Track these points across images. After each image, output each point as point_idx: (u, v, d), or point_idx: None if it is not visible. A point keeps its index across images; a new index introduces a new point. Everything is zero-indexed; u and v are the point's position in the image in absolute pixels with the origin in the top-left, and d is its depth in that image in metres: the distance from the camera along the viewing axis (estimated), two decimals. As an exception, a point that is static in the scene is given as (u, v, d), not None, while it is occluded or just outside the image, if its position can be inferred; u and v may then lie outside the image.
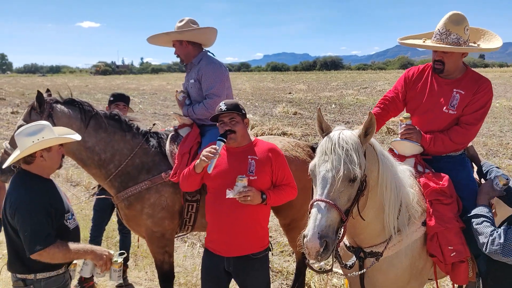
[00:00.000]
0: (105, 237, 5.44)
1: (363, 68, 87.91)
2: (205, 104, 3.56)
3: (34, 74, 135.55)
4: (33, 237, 2.52)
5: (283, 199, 2.94)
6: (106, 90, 37.34)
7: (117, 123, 3.53)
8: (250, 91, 31.44)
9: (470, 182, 2.93)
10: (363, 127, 2.33)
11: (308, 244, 2.08)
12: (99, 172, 3.47)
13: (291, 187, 2.96)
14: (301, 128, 13.63)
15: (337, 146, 2.22)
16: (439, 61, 2.95)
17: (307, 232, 2.11)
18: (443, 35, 2.89)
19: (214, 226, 2.94)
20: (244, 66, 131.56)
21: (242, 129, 2.86)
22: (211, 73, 3.59)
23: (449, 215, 2.65)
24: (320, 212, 2.12)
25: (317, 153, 2.33)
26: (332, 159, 2.21)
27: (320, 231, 2.08)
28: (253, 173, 2.81)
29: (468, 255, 2.63)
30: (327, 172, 2.20)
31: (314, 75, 61.98)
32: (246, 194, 2.69)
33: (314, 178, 2.28)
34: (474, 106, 2.92)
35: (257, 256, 2.90)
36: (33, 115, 3.31)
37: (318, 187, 2.21)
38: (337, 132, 2.30)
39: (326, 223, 2.10)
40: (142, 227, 3.54)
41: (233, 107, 2.83)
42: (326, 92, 27.85)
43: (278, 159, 2.91)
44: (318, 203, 2.15)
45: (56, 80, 69.11)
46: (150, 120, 15.96)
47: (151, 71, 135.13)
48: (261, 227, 2.94)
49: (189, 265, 5.05)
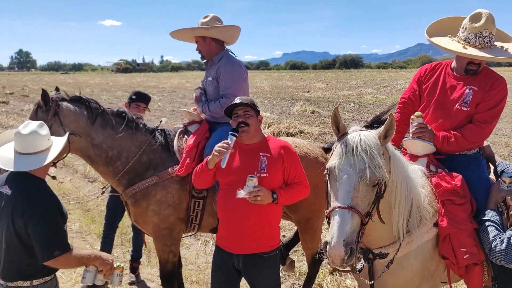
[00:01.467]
0: (119, 233, 5.50)
1: (384, 67, 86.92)
2: (221, 102, 3.53)
3: (57, 72, 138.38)
4: (52, 242, 2.41)
5: (295, 198, 2.89)
6: (126, 87, 37.80)
7: (124, 120, 3.53)
8: (268, 89, 31.36)
9: (484, 182, 2.84)
10: (383, 128, 2.25)
11: (331, 252, 2.01)
12: (106, 169, 3.48)
13: (303, 185, 2.90)
14: (319, 127, 13.52)
15: (359, 148, 2.13)
16: (476, 64, 2.84)
17: (330, 239, 2.03)
18: (486, 38, 2.78)
19: (224, 223, 2.94)
20: (263, 65, 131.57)
21: (255, 123, 2.85)
22: (229, 73, 3.57)
23: (462, 215, 2.58)
24: (344, 218, 2.05)
25: (335, 154, 2.23)
26: (355, 162, 2.11)
27: (345, 238, 2.01)
28: (264, 170, 2.78)
29: (482, 257, 2.54)
30: (350, 176, 2.11)
31: (333, 74, 61.52)
32: (256, 194, 2.66)
33: (334, 182, 2.18)
34: (488, 104, 2.83)
35: (266, 255, 2.86)
36: (39, 113, 3.32)
37: (340, 192, 2.12)
38: (356, 134, 2.21)
39: (350, 229, 2.04)
40: (149, 224, 3.53)
41: (247, 101, 2.85)
42: (345, 90, 27.60)
43: (290, 157, 2.87)
44: (342, 210, 2.07)
45: (78, 78, 70.36)
46: (168, 118, 16.09)
47: (171, 69, 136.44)
48: (271, 225, 2.89)
49: (201, 263, 5.05)
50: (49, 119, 3.28)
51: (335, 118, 2.31)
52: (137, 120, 3.60)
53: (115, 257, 5.11)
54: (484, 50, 2.78)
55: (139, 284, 4.66)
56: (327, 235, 2.09)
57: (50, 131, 3.11)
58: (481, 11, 2.80)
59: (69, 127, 3.33)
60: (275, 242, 2.94)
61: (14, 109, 21.00)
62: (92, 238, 5.76)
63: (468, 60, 2.85)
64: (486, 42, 2.78)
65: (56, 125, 3.29)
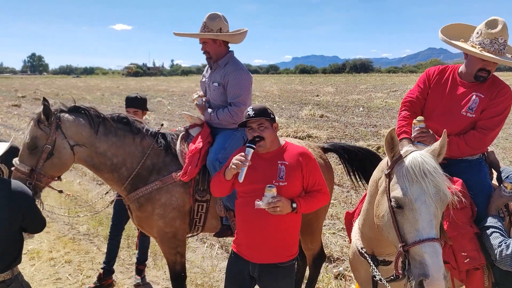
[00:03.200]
0: (126, 235, 5.54)
1: (394, 71, 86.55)
2: (231, 111, 3.51)
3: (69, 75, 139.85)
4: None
5: (315, 206, 2.78)
6: (136, 91, 37.94)
7: (126, 126, 3.52)
8: (278, 93, 31.39)
9: (486, 187, 2.83)
10: (438, 146, 2.16)
11: (434, 286, 1.89)
12: (111, 176, 3.48)
13: (323, 193, 2.79)
14: (327, 131, 13.49)
15: (428, 172, 2.01)
16: (487, 71, 2.82)
17: (429, 273, 1.89)
18: (501, 45, 2.76)
19: (242, 231, 2.87)
20: (273, 69, 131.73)
21: (271, 134, 2.75)
22: (238, 81, 3.54)
23: (463, 220, 2.57)
24: (438, 251, 1.94)
25: (401, 181, 2.06)
26: (427, 188, 2.00)
27: (443, 271, 1.92)
28: (283, 179, 2.69)
29: (483, 262, 2.53)
30: (427, 205, 1.99)
31: (343, 78, 61.40)
32: (275, 205, 2.58)
33: (410, 212, 2.01)
34: (492, 111, 2.83)
35: (283, 265, 2.79)
36: (41, 127, 3.24)
37: (421, 222, 1.98)
38: (416, 155, 2.08)
39: (442, 262, 1.96)
40: (153, 228, 3.54)
41: (261, 112, 2.70)
42: (355, 95, 27.52)
43: (309, 164, 2.76)
44: (432, 243, 1.95)
45: (89, 81, 71.10)
46: (177, 121, 16.17)
47: (181, 73, 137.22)
48: (289, 235, 2.79)
49: (207, 266, 5.06)
50: (52, 133, 3.24)
51: (391, 140, 2.15)
52: (138, 124, 3.61)
53: (121, 259, 5.16)
54: (499, 56, 2.76)
55: (144, 286, 4.68)
56: (414, 270, 1.96)
57: (55, 145, 3.23)
58: (497, 18, 2.79)
59: (73, 138, 3.30)
60: (293, 252, 2.84)
61: (26, 112, 21.31)
62: (99, 240, 5.80)
63: (480, 66, 2.83)
64: (500, 49, 2.76)
65: (60, 138, 3.26)
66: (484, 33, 2.80)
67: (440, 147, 2.16)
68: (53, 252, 5.39)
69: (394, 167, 2.13)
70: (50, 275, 4.81)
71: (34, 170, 3.21)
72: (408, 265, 2.00)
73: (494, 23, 2.78)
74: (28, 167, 3.20)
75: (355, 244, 2.73)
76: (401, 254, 2.03)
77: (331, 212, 6.52)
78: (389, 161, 2.20)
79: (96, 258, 5.26)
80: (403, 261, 2.03)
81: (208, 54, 3.69)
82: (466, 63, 2.97)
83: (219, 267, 5.00)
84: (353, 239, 2.80)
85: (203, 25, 3.63)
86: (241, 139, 3.62)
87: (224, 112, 3.54)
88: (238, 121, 3.44)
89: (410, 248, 1.98)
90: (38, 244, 5.57)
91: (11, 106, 24.34)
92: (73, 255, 5.33)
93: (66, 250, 5.46)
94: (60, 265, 5.06)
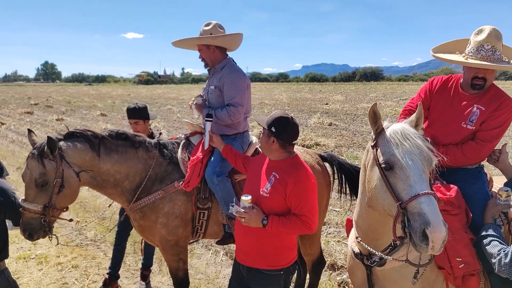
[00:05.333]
0: (132, 241, 5.61)
1: (404, 79, 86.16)
2: (228, 111, 3.56)
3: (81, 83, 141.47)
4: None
5: (290, 230, 2.65)
6: (147, 99, 38.47)
7: (125, 141, 3.50)
8: (287, 101, 31.45)
9: (483, 195, 2.84)
10: (414, 117, 2.29)
11: (435, 234, 1.91)
12: (114, 191, 3.48)
13: (302, 221, 2.60)
14: (335, 139, 13.48)
15: (410, 135, 2.16)
16: (481, 78, 2.86)
17: (429, 219, 1.94)
18: (488, 51, 2.79)
19: (235, 232, 2.97)
20: (282, 77, 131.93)
21: (265, 142, 2.74)
22: (233, 83, 3.60)
23: (457, 225, 2.59)
24: (433, 201, 2.01)
25: (387, 146, 2.17)
26: (412, 148, 2.12)
27: (442, 218, 1.97)
28: (267, 190, 2.68)
29: (477, 267, 2.54)
30: (415, 162, 2.10)
31: (353, 86, 61.29)
32: (241, 215, 2.64)
33: (400, 170, 2.10)
34: (492, 124, 2.85)
35: (268, 272, 2.77)
36: (46, 163, 3.12)
37: (413, 178, 2.06)
38: (396, 125, 2.25)
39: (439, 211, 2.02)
40: (156, 236, 3.56)
41: (264, 122, 2.76)
42: (364, 103, 27.46)
43: (298, 186, 2.62)
44: (427, 195, 2.01)
45: (101, 89, 71.86)
46: (186, 129, 16.27)
47: (191, 81, 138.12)
48: (273, 246, 2.74)
49: (211, 272, 5.09)
50: (58, 165, 3.15)
51: (373, 114, 2.26)
52: (138, 138, 3.57)
53: (126, 264, 5.22)
54: (488, 62, 2.79)
55: (149, 292, 4.73)
56: (414, 223, 1.99)
57: (63, 176, 3.18)
58: (484, 27, 2.85)
59: (77, 165, 3.26)
60: (279, 263, 2.77)
61: (38, 119, 21.65)
62: (106, 246, 5.87)
63: (472, 74, 2.87)
64: (488, 55, 2.79)
65: (66, 168, 3.19)
66: (472, 42, 2.87)
67: (416, 118, 2.29)
68: (61, 257, 5.47)
69: (379, 138, 2.26)
70: (57, 280, 4.89)
71: (48, 206, 3.16)
72: (408, 221, 2.03)
73: (481, 31, 2.85)
74: (41, 205, 3.13)
75: (350, 247, 2.76)
76: (400, 213, 2.07)
77: (336, 220, 6.53)
78: (373, 134, 2.33)
79: (102, 263, 5.32)
80: (402, 220, 2.06)
81: (204, 60, 3.76)
82: (463, 73, 3.02)
83: (223, 274, 5.03)
84: (349, 242, 2.84)
85: (199, 33, 3.71)
86: (240, 148, 3.68)
87: (223, 111, 3.59)
88: (234, 120, 3.58)
89: (407, 205, 2.04)
90: (46, 249, 5.66)
91: (24, 113, 24.74)
92: (80, 260, 5.41)
93: (73, 255, 5.54)
94: (67, 269, 5.13)
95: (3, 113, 25.66)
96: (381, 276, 2.57)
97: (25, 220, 3.14)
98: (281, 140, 2.69)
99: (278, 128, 2.67)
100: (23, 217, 3.14)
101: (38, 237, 3.20)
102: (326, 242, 5.61)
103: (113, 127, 17.78)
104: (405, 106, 3.28)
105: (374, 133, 2.31)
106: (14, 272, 5.01)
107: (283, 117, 2.70)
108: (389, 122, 2.33)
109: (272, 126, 2.68)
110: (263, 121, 2.78)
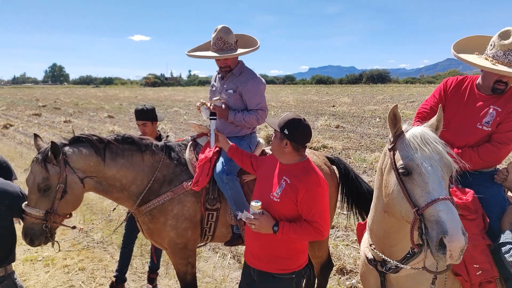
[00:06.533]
0: (139, 244, 5.58)
1: (411, 82, 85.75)
2: (257, 115, 3.64)
3: (88, 85, 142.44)
4: None
5: (302, 237, 2.61)
6: (154, 101, 38.54)
7: (132, 145, 3.45)
8: (293, 103, 31.38)
9: (499, 200, 2.76)
10: (435, 120, 2.21)
11: (453, 243, 1.84)
12: (121, 195, 3.43)
13: (314, 228, 2.57)
14: (342, 141, 13.40)
15: (430, 140, 2.08)
16: (504, 82, 2.76)
17: (447, 228, 1.87)
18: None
19: (246, 235, 2.92)
20: (289, 79, 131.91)
21: (276, 144, 2.71)
22: (256, 89, 3.66)
23: (474, 231, 2.51)
24: (452, 208, 1.94)
25: (406, 151, 2.11)
26: (432, 153, 2.05)
27: (461, 226, 1.89)
28: (277, 195, 2.65)
29: (495, 275, 2.47)
30: (434, 167, 2.03)
31: (360, 88, 61.09)
32: (251, 222, 2.60)
33: (418, 176, 2.03)
34: (508, 125, 2.76)
35: (279, 276, 2.74)
36: (49, 168, 3.09)
37: (431, 184, 1.99)
38: (416, 129, 2.16)
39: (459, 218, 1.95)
40: (165, 239, 3.52)
41: (276, 125, 2.71)
42: (371, 105, 27.31)
43: (309, 192, 2.57)
44: (445, 201, 1.94)
45: (108, 91, 72.24)
46: (192, 132, 16.23)
47: (198, 83, 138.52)
48: (285, 249, 2.71)
49: (219, 276, 5.05)
50: (61, 170, 3.12)
51: (394, 116, 2.20)
52: (144, 141, 3.52)
53: (133, 267, 5.19)
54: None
55: (156, 295, 4.69)
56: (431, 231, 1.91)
57: (67, 182, 3.14)
58: (510, 29, 2.72)
59: (82, 171, 3.21)
60: (290, 267, 2.74)
61: (45, 121, 21.77)
62: (113, 248, 5.85)
63: (496, 78, 2.77)
64: (511, 59, 2.68)
65: (70, 174, 3.15)
66: (497, 45, 2.74)
67: (437, 122, 2.22)
68: (68, 259, 5.45)
69: (397, 141, 2.20)
70: (63, 282, 4.87)
71: (50, 211, 3.12)
72: (425, 229, 1.96)
73: (507, 34, 2.72)
74: (43, 210, 3.09)
75: (363, 252, 2.70)
76: (417, 220, 2.00)
77: (344, 224, 6.46)
78: (391, 136, 2.26)
79: (109, 266, 5.30)
80: (419, 227, 1.99)
81: (229, 67, 3.75)
82: (482, 76, 2.92)
83: (231, 277, 4.99)
84: (362, 247, 2.77)
85: (222, 41, 3.63)
86: (247, 148, 3.69)
87: (251, 115, 3.65)
88: (261, 123, 3.73)
89: (424, 211, 1.96)
90: (53, 252, 5.63)
91: (32, 115, 24.88)
92: (87, 262, 5.38)
93: (80, 257, 5.52)
94: (74, 272, 5.11)
95: (12, 115, 25.85)
96: (395, 283, 2.50)
97: (26, 225, 3.11)
98: (294, 142, 2.65)
99: (291, 131, 2.63)
100: (25, 222, 3.11)
101: (39, 243, 3.16)
102: (334, 246, 5.54)
103: (120, 129, 17.85)
104: (419, 109, 3.21)
105: (393, 135, 2.25)
106: (21, 274, 5.00)
107: (295, 119, 2.66)
108: (408, 125, 2.26)
109: (285, 128, 2.64)
110: (274, 123, 2.73)
